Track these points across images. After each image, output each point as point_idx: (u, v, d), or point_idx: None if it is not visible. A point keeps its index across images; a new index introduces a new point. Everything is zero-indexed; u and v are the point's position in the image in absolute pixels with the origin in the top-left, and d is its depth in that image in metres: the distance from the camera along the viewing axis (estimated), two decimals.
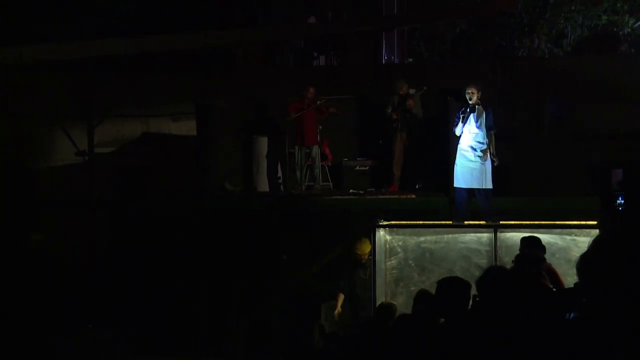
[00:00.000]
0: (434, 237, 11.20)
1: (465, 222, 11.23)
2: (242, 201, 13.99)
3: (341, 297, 11.19)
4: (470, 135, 11.15)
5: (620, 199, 10.31)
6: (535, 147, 13.90)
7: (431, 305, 6.60)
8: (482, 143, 11.13)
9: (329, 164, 14.34)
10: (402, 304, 11.34)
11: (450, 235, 11.17)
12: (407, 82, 13.53)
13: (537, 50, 25.47)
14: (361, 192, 13.66)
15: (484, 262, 10.92)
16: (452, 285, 6.03)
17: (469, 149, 11.13)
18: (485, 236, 10.95)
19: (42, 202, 14.96)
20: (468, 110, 11.14)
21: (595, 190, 12.82)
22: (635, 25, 25.20)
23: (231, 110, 15.06)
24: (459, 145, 11.26)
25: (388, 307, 9.40)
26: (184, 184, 14.54)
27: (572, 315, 6.18)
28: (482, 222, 11.15)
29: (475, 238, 11.06)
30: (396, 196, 13.10)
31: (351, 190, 13.78)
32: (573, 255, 10.28)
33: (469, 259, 11.08)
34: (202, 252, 13.58)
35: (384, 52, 21.91)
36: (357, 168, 14.19)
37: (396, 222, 11.26)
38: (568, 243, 10.54)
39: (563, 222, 10.81)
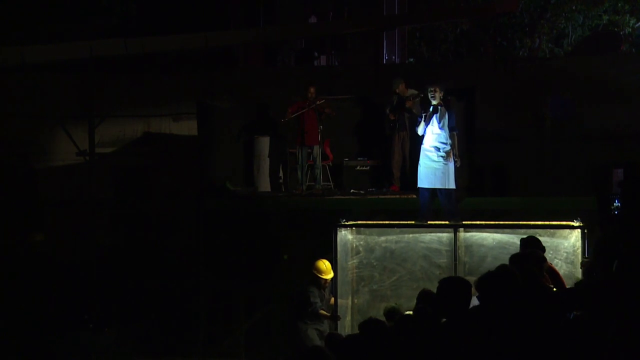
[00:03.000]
0: (394, 237, 11.32)
1: (429, 222, 11.28)
2: (243, 201, 13.99)
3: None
4: (433, 135, 11.23)
5: (616, 202, 10.34)
6: (536, 147, 13.91)
7: (433, 305, 6.60)
8: (445, 144, 11.22)
9: (330, 164, 14.33)
10: (364, 303, 11.44)
11: (411, 235, 11.29)
12: (404, 81, 13.52)
13: (538, 50, 25.49)
14: (362, 192, 13.66)
15: (444, 261, 11.06)
16: (453, 285, 6.03)
17: (432, 149, 11.22)
18: (445, 236, 11.05)
19: (43, 202, 14.97)
20: (431, 110, 11.19)
21: (596, 191, 12.84)
22: (636, 25, 25.21)
23: (232, 110, 15.06)
24: (422, 146, 11.35)
25: (393, 311, 9.38)
26: (184, 184, 14.54)
27: (572, 315, 6.19)
28: (444, 222, 11.16)
29: (436, 238, 11.17)
30: (397, 196, 13.09)
31: (352, 190, 13.78)
32: None
33: (430, 259, 11.21)
34: (202, 252, 13.58)
35: (384, 52, 21.89)
36: (358, 168, 14.20)
37: (358, 222, 11.34)
38: None
39: (528, 223, 10.92)
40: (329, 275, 10.95)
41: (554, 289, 7.71)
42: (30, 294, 12.82)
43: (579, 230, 10.37)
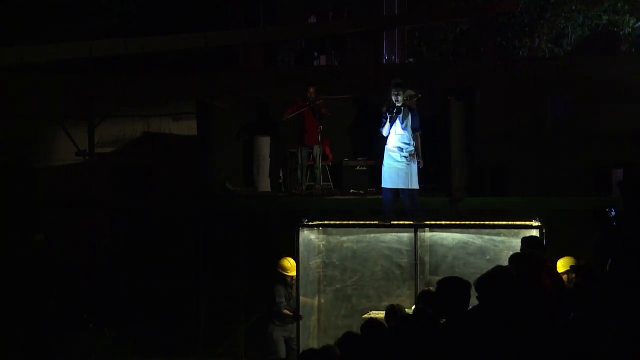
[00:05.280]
0: (356, 237, 11.38)
1: (392, 222, 11.32)
2: (243, 201, 14.00)
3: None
4: (396, 136, 11.24)
5: (613, 212, 10.38)
6: (536, 147, 13.90)
7: (432, 305, 6.60)
8: (408, 144, 11.21)
9: (330, 164, 14.33)
10: (327, 303, 11.47)
11: (372, 235, 11.35)
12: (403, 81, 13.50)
13: (538, 50, 25.49)
14: (362, 192, 13.66)
15: (405, 261, 11.13)
16: (452, 286, 6.03)
17: (396, 150, 11.23)
18: (406, 236, 11.09)
19: (43, 202, 14.96)
20: (395, 111, 11.19)
21: (597, 191, 12.87)
22: (636, 25, 25.22)
23: (232, 110, 15.06)
24: (386, 147, 11.33)
25: (393, 309, 9.37)
26: (184, 184, 14.53)
27: (572, 315, 6.19)
28: (408, 222, 11.20)
29: (397, 238, 11.23)
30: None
31: (352, 190, 13.79)
32: (492, 254, 10.46)
33: (391, 259, 11.28)
34: (202, 251, 13.59)
35: (384, 52, 21.88)
36: (358, 168, 14.19)
37: (321, 222, 11.36)
38: (486, 242, 10.68)
39: (489, 223, 10.98)
40: (294, 273, 11.01)
41: (553, 290, 7.71)
42: (30, 294, 12.80)
43: (538, 230, 10.37)
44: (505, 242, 10.66)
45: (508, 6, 18.23)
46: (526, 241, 9.11)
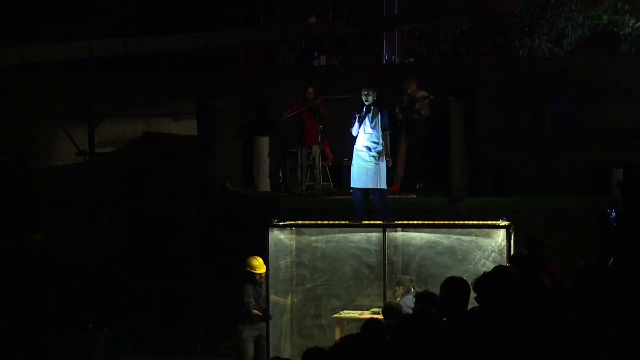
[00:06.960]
0: (325, 237, 11.38)
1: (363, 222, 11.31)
2: (243, 201, 14.00)
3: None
4: (365, 135, 11.23)
5: (613, 212, 10.38)
6: (536, 147, 13.91)
7: (434, 305, 6.61)
8: (377, 144, 11.19)
9: (330, 164, 14.33)
10: (298, 302, 11.48)
11: (341, 235, 11.35)
12: (416, 82, 13.52)
13: (538, 50, 25.48)
14: None
15: (373, 261, 11.12)
16: (453, 286, 6.04)
17: (364, 149, 11.21)
18: (375, 236, 11.07)
19: (43, 202, 14.96)
20: (364, 111, 11.19)
21: (597, 191, 12.88)
22: (636, 25, 25.22)
23: (232, 111, 15.06)
24: (355, 146, 11.32)
25: (391, 308, 9.36)
26: (184, 184, 14.54)
27: (572, 316, 6.19)
28: (378, 222, 11.21)
29: (366, 238, 11.21)
30: (397, 196, 13.09)
31: (352, 191, 13.77)
32: (463, 254, 10.48)
33: (360, 259, 11.27)
34: (202, 252, 13.58)
35: (384, 52, 21.88)
36: None
37: (292, 222, 11.36)
38: (453, 243, 10.70)
39: (458, 222, 10.98)
40: (262, 270, 11.00)
41: (553, 290, 7.71)
42: (30, 294, 12.81)
43: (505, 230, 10.37)
44: (475, 242, 10.66)
45: (508, 6, 18.24)
46: (527, 242, 9.11)
